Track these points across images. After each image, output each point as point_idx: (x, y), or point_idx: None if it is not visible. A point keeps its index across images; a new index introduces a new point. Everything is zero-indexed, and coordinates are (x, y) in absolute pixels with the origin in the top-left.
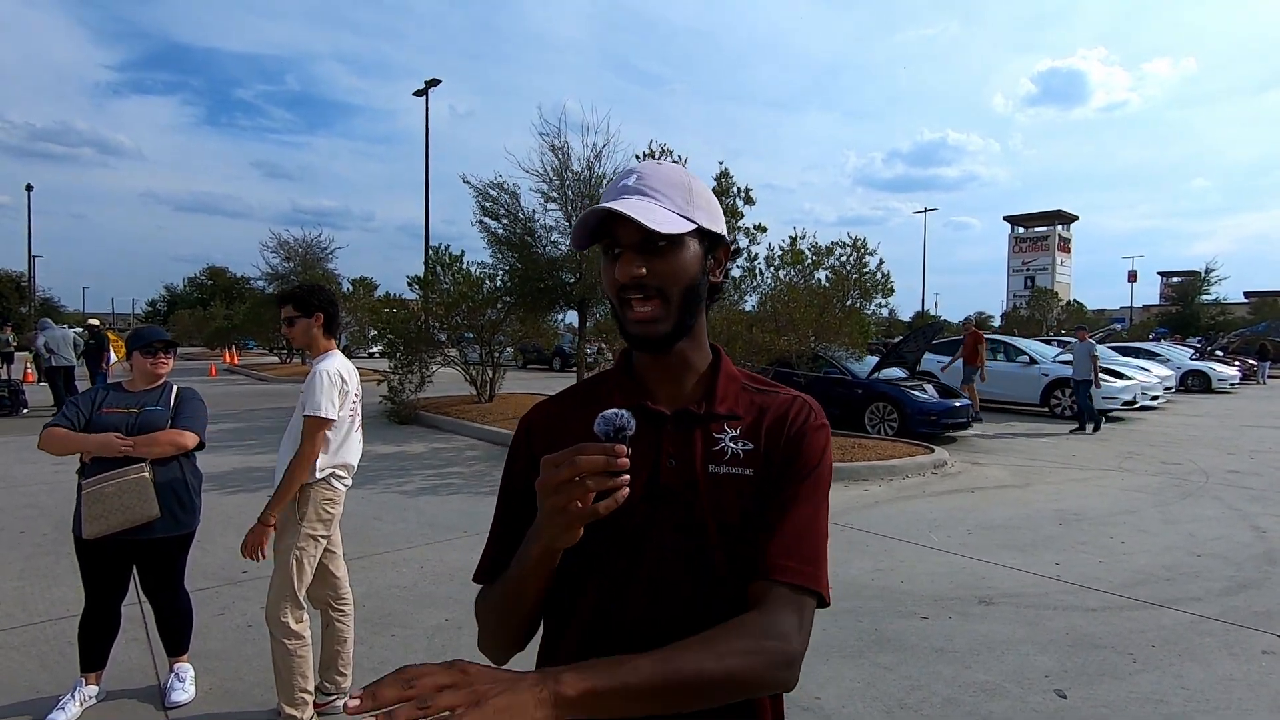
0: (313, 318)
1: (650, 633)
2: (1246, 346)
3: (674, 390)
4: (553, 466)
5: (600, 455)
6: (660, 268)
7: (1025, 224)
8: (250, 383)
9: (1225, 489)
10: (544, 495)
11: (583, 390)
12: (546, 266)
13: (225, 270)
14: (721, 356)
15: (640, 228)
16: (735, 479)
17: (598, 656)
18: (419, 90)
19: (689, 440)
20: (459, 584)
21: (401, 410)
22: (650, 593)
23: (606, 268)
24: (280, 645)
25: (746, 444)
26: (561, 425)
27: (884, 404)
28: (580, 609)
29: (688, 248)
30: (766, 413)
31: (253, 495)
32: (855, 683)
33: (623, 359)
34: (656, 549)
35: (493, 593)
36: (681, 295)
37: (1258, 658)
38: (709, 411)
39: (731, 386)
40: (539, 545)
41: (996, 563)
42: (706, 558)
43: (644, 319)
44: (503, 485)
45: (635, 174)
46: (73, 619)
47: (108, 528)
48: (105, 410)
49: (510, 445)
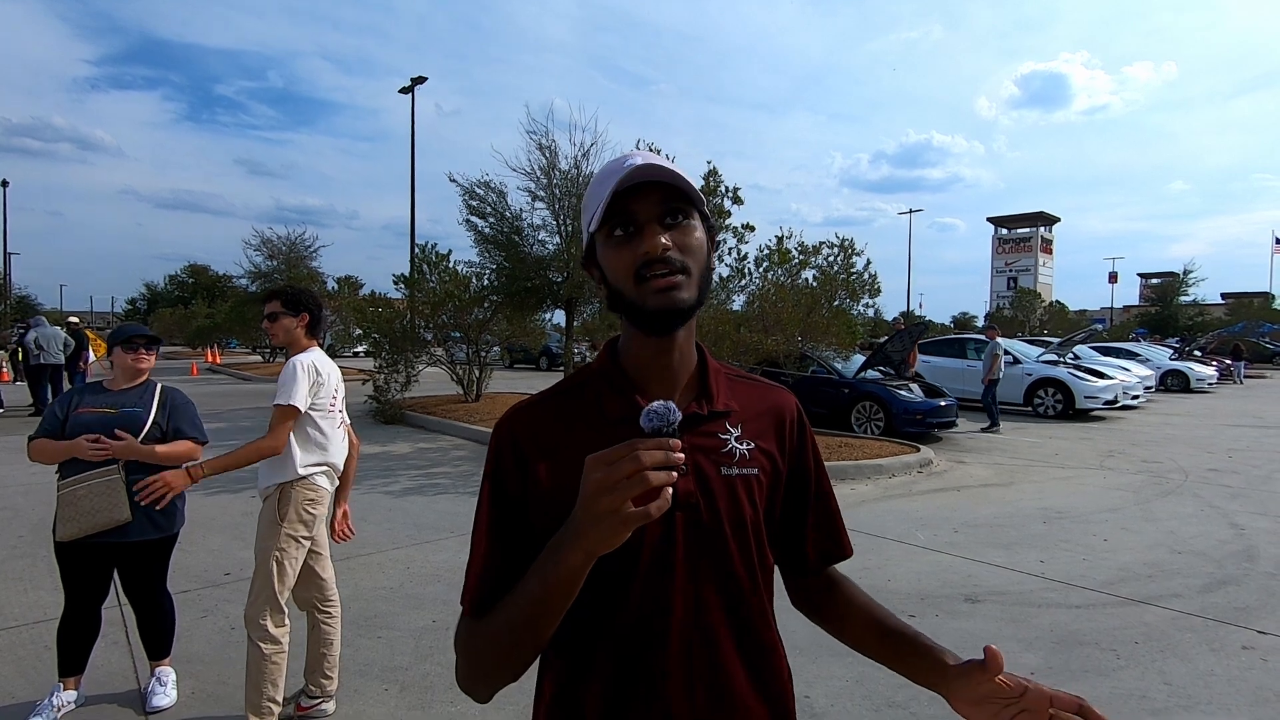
0: (298, 317)
1: (689, 642)
2: (1222, 347)
3: (668, 386)
4: (605, 465)
5: (658, 449)
6: (683, 241)
7: (1008, 225)
8: (233, 382)
9: (1204, 487)
10: (597, 496)
11: (567, 389)
12: (534, 265)
13: (207, 268)
14: (705, 351)
15: (661, 199)
16: (745, 480)
17: (637, 671)
18: (405, 88)
19: (698, 443)
20: (445, 585)
21: (387, 410)
22: (686, 604)
23: (618, 249)
24: (255, 649)
25: (750, 444)
26: (557, 429)
27: (870, 403)
28: (618, 631)
29: (699, 226)
30: (759, 408)
31: (235, 497)
32: (844, 681)
33: (607, 354)
34: (686, 559)
35: (498, 620)
36: (701, 270)
37: (1237, 653)
38: (711, 411)
39: (720, 381)
40: (578, 551)
41: (982, 561)
42: (728, 558)
43: (671, 286)
44: (489, 502)
45: (638, 155)
46: (50, 623)
47: (79, 530)
48: (81, 410)
49: (491, 458)
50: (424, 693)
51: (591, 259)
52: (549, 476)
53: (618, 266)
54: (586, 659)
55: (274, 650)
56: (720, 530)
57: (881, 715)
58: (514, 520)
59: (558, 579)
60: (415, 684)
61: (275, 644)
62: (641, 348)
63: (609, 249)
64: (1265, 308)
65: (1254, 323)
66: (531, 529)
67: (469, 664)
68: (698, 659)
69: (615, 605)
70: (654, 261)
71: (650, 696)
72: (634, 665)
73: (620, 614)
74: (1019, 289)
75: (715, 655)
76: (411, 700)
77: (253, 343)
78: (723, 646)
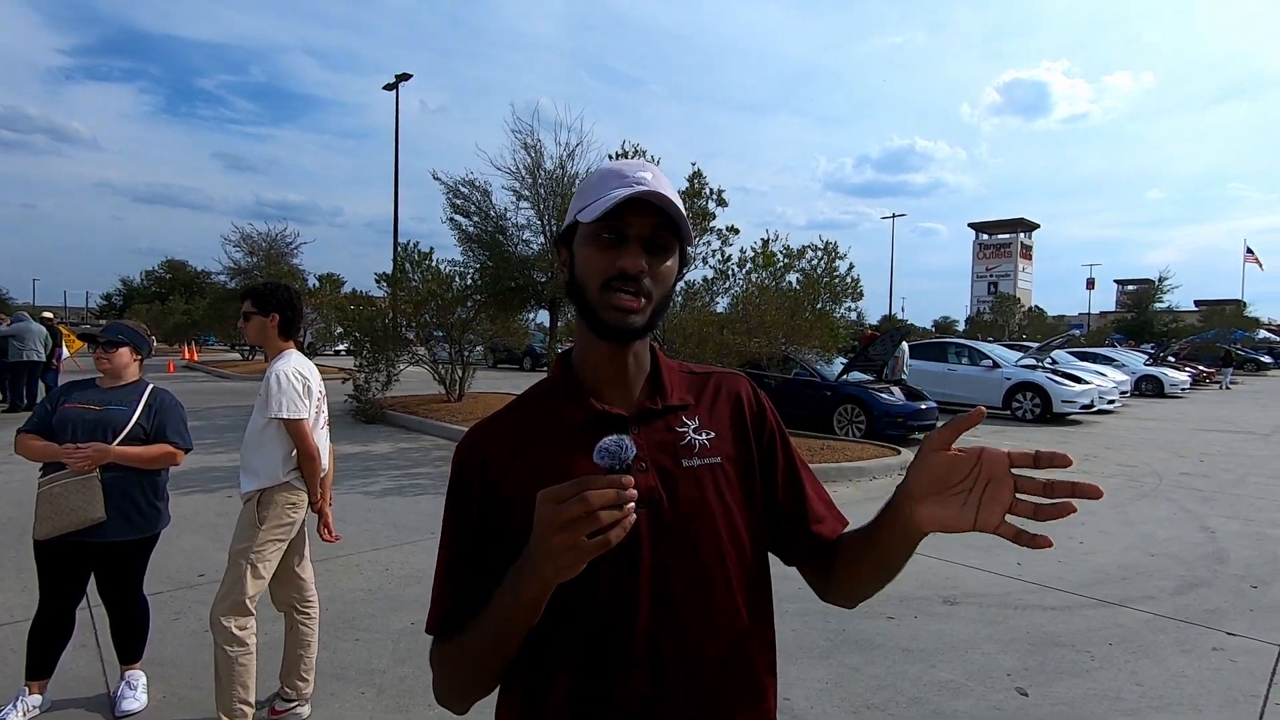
0: (268, 317)
1: (657, 636)
2: (1210, 354)
3: (624, 391)
4: (554, 503)
5: (610, 489)
6: (657, 269)
7: (989, 231)
8: (210, 380)
9: (1177, 490)
10: (549, 533)
11: (530, 403)
12: (518, 265)
13: (185, 264)
14: (658, 353)
15: (654, 224)
16: (709, 469)
17: (606, 672)
18: (389, 84)
19: (656, 439)
20: (425, 587)
21: (368, 409)
22: (653, 597)
23: (599, 251)
24: (221, 651)
25: (709, 433)
26: (517, 445)
27: (852, 406)
28: (583, 628)
29: (675, 257)
30: (714, 397)
31: (210, 496)
32: (823, 683)
33: (561, 364)
34: (652, 553)
35: (465, 643)
36: (662, 298)
37: (1208, 654)
38: (665, 405)
39: (674, 377)
40: (535, 582)
41: (960, 563)
42: (694, 549)
43: (628, 308)
44: (451, 526)
45: (649, 171)
46: (15, 625)
47: (54, 529)
48: (68, 405)
49: (454, 479)
50: (401, 696)
51: (566, 241)
52: (511, 492)
53: (591, 266)
54: (551, 657)
55: (240, 652)
56: (685, 523)
57: (860, 717)
58: (476, 541)
59: (518, 606)
60: (393, 687)
61: (241, 646)
62: (597, 353)
63: (590, 247)
64: (1237, 315)
65: (1226, 330)
66: (493, 548)
67: (441, 681)
68: (667, 652)
69: (581, 604)
70: (626, 277)
71: (617, 690)
72: (600, 660)
73: (587, 611)
74: (999, 294)
75: (686, 648)
76: (389, 704)
77: (231, 340)
78: (694, 639)
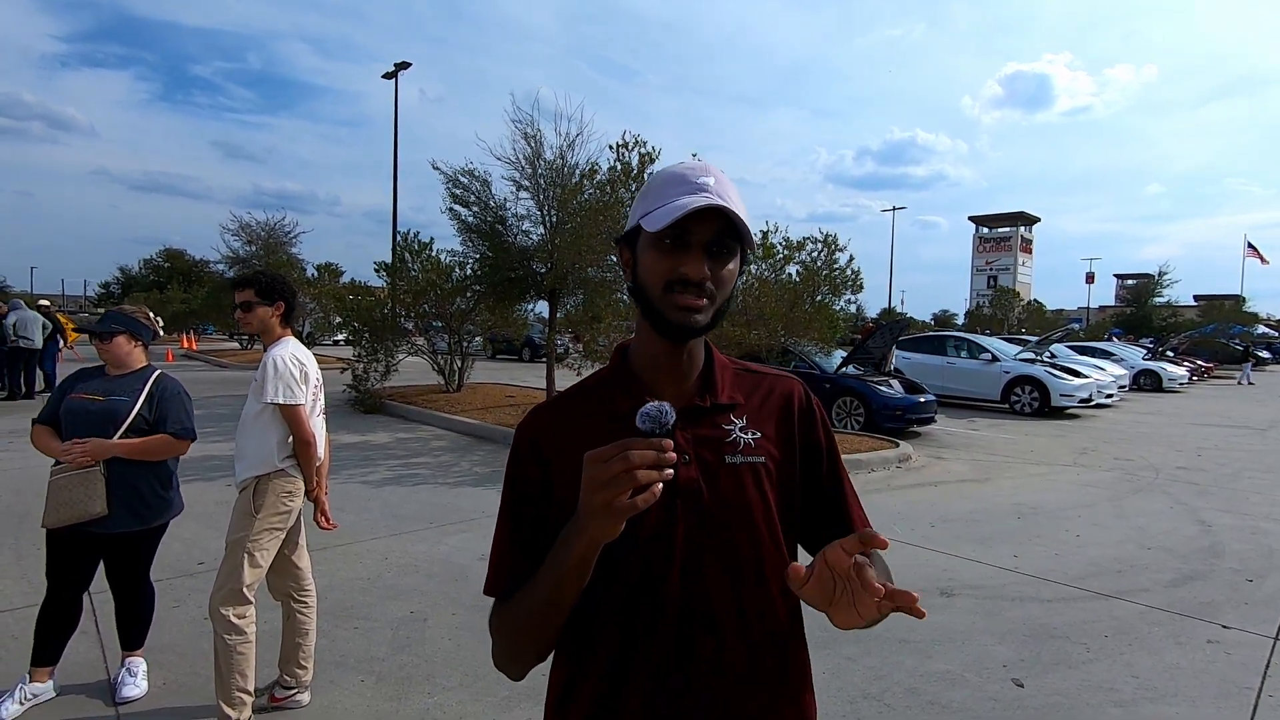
0: (274, 305)
1: (690, 621)
2: (1196, 348)
3: (678, 386)
4: (600, 462)
5: (649, 450)
6: (719, 272)
7: (989, 224)
8: (208, 369)
9: (1173, 484)
10: (593, 491)
11: (586, 391)
12: (518, 255)
13: (183, 253)
14: (712, 349)
15: (716, 228)
16: (751, 467)
17: (638, 651)
18: (388, 73)
19: (701, 434)
20: (423, 576)
21: (366, 399)
22: (684, 584)
23: (662, 255)
24: (220, 640)
25: (755, 433)
26: (573, 428)
27: (851, 398)
28: (616, 607)
29: (736, 260)
30: (765, 398)
31: (209, 484)
32: (820, 674)
33: (618, 357)
34: (686, 542)
35: (523, 603)
36: (723, 301)
37: (1202, 647)
38: (714, 404)
39: (727, 375)
40: (583, 541)
41: (957, 555)
42: (732, 545)
43: (694, 308)
44: (510, 496)
45: (712, 176)
46: (13, 613)
47: (58, 520)
48: (74, 395)
49: (513, 454)
50: (400, 684)
51: (629, 241)
52: (565, 470)
53: (655, 270)
54: (589, 636)
55: (239, 640)
56: (723, 515)
57: (856, 707)
58: (531, 513)
59: (569, 564)
60: (391, 675)
61: (240, 634)
62: (655, 349)
63: (654, 251)
64: (1236, 310)
65: (1224, 324)
66: (548, 520)
67: (500, 645)
68: (699, 640)
69: (615, 580)
70: (689, 282)
71: (649, 669)
72: (634, 639)
73: (620, 588)
74: (998, 287)
75: (717, 637)
76: (388, 691)
77: (230, 329)
78: (726, 630)
